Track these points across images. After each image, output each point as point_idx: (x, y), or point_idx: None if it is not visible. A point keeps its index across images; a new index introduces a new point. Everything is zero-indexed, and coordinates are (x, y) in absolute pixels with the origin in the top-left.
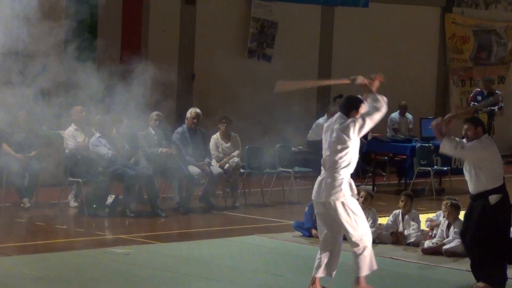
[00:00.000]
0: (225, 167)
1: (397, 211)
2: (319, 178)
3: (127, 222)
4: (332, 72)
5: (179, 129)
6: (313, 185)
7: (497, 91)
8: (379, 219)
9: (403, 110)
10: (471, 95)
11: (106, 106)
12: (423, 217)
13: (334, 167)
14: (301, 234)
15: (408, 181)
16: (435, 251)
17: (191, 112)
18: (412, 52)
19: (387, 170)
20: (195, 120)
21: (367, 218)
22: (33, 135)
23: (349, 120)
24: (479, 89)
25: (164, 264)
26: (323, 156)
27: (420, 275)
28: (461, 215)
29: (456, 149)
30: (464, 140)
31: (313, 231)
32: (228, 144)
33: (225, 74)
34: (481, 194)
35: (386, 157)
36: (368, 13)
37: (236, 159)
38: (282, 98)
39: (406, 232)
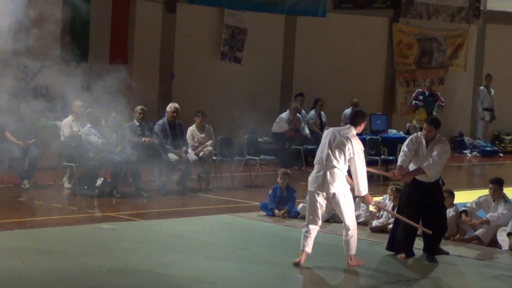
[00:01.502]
0: (200, 155)
1: (384, 198)
2: (318, 173)
3: (114, 201)
4: (293, 72)
5: (160, 121)
6: (275, 171)
7: (437, 92)
8: None
9: (355, 107)
10: (414, 94)
11: (96, 100)
12: None
13: (335, 164)
14: (265, 214)
15: None
16: (381, 229)
17: (171, 106)
18: (364, 56)
19: None
20: (174, 114)
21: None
22: (32, 125)
23: (351, 135)
24: (420, 90)
25: (146, 239)
26: (322, 154)
27: (368, 251)
28: None
29: (440, 163)
30: (424, 143)
31: (276, 211)
32: (203, 135)
33: (200, 74)
34: (436, 181)
35: None
36: (326, 22)
37: (209, 148)
38: (250, 95)
39: (356, 213)
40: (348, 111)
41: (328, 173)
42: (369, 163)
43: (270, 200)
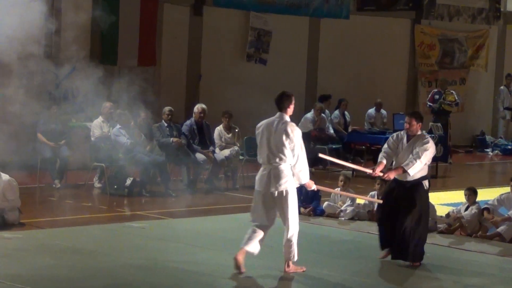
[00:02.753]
0: (227, 155)
1: (373, 193)
2: (264, 172)
3: (143, 200)
4: (318, 74)
5: (188, 122)
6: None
7: (452, 91)
8: (357, 200)
9: (378, 107)
10: (429, 95)
11: (125, 101)
12: None
13: (278, 160)
14: None
15: None
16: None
17: (198, 107)
18: (387, 57)
19: (365, 157)
20: (202, 115)
21: (347, 199)
22: (63, 126)
23: (287, 124)
24: (436, 90)
25: (175, 237)
26: (263, 153)
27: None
28: None
29: (422, 161)
30: (405, 140)
31: (301, 209)
32: (230, 135)
33: (227, 75)
34: (417, 181)
35: (364, 147)
36: (349, 24)
37: (236, 148)
38: (275, 96)
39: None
40: (371, 111)
41: (273, 171)
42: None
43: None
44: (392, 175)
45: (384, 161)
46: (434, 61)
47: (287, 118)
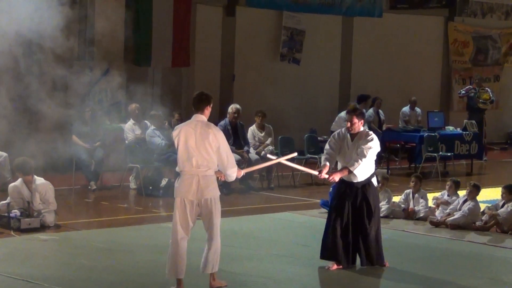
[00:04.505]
0: (261, 154)
1: (408, 191)
2: (189, 179)
3: None
4: (352, 73)
5: (222, 122)
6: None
7: (487, 88)
8: (393, 197)
9: (413, 105)
10: (463, 92)
11: (159, 102)
12: (430, 196)
13: (207, 166)
14: (326, 211)
15: (417, 165)
16: (441, 223)
17: (232, 107)
18: (420, 55)
19: (399, 156)
20: (235, 115)
21: (383, 198)
22: (98, 127)
23: (210, 129)
24: (471, 86)
25: None
26: (187, 159)
27: (427, 245)
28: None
29: (367, 159)
30: (349, 138)
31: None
32: (263, 134)
33: (260, 75)
34: (367, 180)
35: (398, 145)
36: (382, 22)
37: (270, 147)
38: (309, 95)
39: (416, 209)
40: (406, 109)
41: (202, 179)
42: (426, 160)
43: (331, 198)
44: (337, 177)
45: (327, 163)
46: (468, 58)
47: (205, 119)
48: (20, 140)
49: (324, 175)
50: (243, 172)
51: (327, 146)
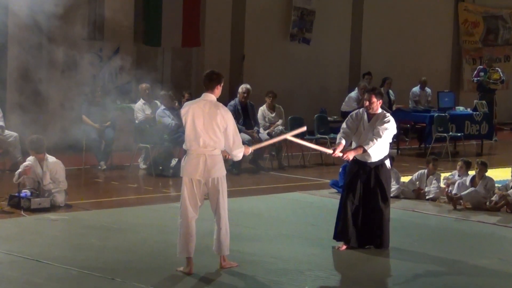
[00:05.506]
0: (272, 134)
1: (422, 171)
2: (195, 158)
3: None
4: (361, 52)
5: (232, 102)
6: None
7: (497, 68)
8: (402, 177)
9: (423, 85)
10: (475, 72)
11: (169, 82)
12: (441, 176)
13: (214, 146)
14: (336, 191)
15: (427, 145)
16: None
17: (242, 87)
18: (430, 35)
19: (409, 136)
20: (245, 95)
21: (392, 179)
22: (108, 107)
23: (218, 110)
24: (481, 67)
25: None
26: (193, 137)
27: (437, 226)
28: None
29: (383, 140)
30: (365, 118)
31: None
32: (273, 115)
33: (270, 55)
34: (381, 161)
35: (408, 125)
36: (393, 2)
37: (280, 127)
38: (319, 75)
39: (427, 189)
40: (416, 89)
41: (209, 158)
42: (436, 140)
43: (341, 178)
44: (351, 155)
45: (343, 142)
46: (478, 38)
47: (214, 99)
48: (30, 120)
49: (338, 153)
50: (251, 149)
51: (344, 125)
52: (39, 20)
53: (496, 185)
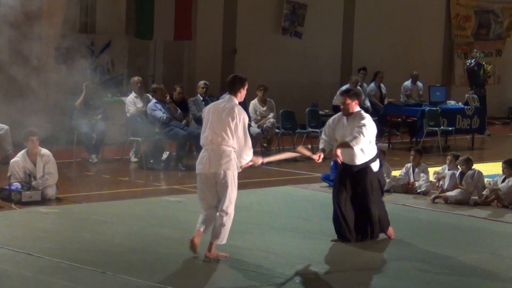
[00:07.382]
0: (263, 128)
1: (408, 165)
2: (204, 153)
3: (179, 174)
4: (353, 47)
5: (223, 95)
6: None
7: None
8: (393, 171)
9: (414, 79)
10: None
11: (160, 75)
12: (431, 171)
13: (220, 142)
14: (327, 184)
15: (418, 139)
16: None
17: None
18: (422, 30)
19: (401, 130)
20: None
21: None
22: (99, 100)
23: (234, 106)
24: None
25: None
26: (206, 133)
27: (428, 220)
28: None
29: (365, 136)
30: (345, 120)
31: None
32: (265, 108)
33: (262, 49)
34: (365, 164)
35: (399, 119)
36: None
37: (271, 120)
38: (311, 69)
39: (416, 183)
40: (407, 83)
41: (215, 152)
42: (427, 134)
43: (332, 172)
44: (339, 150)
45: (324, 148)
46: (470, 32)
47: (235, 101)
48: (21, 113)
49: (321, 159)
50: (261, 160)
51: (322, 134)
52: (29, 11)
53: (487, 179)
